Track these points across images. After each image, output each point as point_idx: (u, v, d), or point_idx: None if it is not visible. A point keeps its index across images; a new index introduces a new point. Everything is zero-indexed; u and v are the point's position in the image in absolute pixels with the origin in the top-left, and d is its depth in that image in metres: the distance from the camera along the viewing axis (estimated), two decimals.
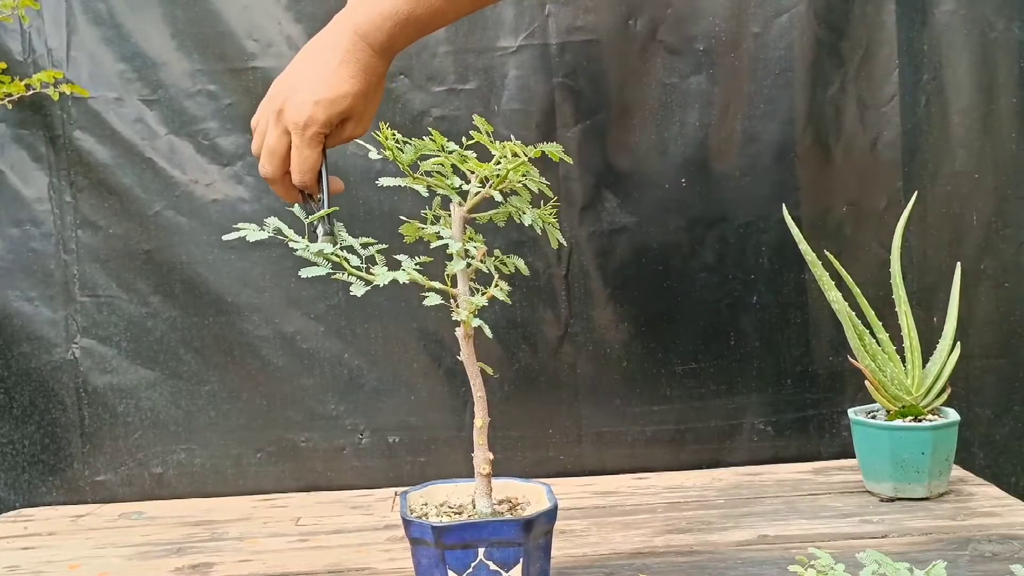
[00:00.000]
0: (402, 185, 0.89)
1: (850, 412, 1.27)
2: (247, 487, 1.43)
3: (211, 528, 1.25)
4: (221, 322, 1.42)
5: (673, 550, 1.06)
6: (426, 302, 0.84)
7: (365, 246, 0.88)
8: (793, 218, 1.28)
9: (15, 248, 1.41)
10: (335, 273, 0.85)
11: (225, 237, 0.86)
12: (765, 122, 1.41)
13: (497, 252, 0.92)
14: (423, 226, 0.90)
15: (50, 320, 1.42)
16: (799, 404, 1.44)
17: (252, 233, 0.83)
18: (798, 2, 1.39)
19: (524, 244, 1.41)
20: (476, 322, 0.86)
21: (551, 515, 0.88)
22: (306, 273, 0.83)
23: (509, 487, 0.96)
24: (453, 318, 0.88)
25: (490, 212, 0.94)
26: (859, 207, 1.42)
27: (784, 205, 1.31)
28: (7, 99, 1.32)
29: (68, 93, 1.36)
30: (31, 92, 1.34)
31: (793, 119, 1.41)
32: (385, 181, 0.88)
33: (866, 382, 1.24)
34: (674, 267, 1.43)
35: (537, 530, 0.85)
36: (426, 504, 0.94)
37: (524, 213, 0.92)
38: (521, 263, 0.93)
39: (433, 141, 0.89)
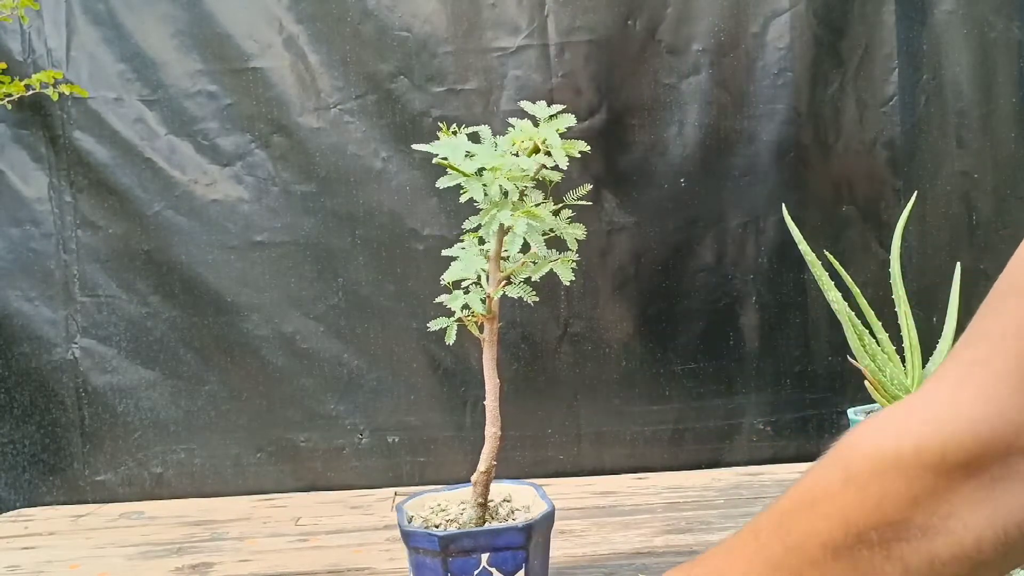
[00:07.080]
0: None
1: (850, 412, 1.27)
2: (247, 487, 1.43)
3: (211, 528, 1.25)
4: (221, 322, 1.42)
5: (673, 550, 1.06)
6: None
7: None
8: (793, 218, 1.28)
9: (15, 248, 1.41)
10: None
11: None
12: (765, 122, 1.41)
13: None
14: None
15: (50, 320, 1.42)
16: (798, 404, 1.44)
17: None
18: (797, 2, 1.39)
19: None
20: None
21: (550, 518, 0.88)
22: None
23: (501, 489, 0.95)
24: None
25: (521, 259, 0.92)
26: (859, 207, 1.42)
27: (784, 205, 1.31)
28: (7, 99, 1.32)
29: (68, 93, 1.36)
30: (31, 92, 1.34)
31: (793, 119, 1.41)
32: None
33: (866, 382, 1.24)
34: (674, 267, 1.43)
35: (536, 535, 0.85)
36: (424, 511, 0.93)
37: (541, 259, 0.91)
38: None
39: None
